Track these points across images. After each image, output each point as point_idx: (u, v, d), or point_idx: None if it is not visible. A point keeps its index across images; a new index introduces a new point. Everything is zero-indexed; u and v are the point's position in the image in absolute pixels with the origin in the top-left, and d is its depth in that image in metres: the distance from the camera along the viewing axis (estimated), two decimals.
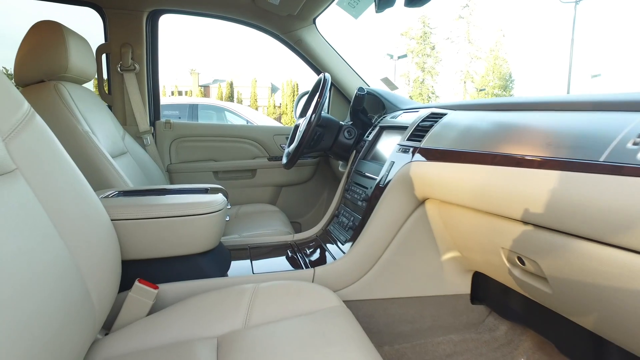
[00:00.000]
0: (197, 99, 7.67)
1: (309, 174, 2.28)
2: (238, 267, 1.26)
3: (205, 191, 1.26)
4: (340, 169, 1.91)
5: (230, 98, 29.12)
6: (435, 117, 1.18)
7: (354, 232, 1.26)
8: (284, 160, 1.78)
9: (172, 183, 2.11)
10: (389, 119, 1.49)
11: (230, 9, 1.95)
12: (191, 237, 1.05)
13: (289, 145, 1.89)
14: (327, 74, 1.62)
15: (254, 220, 1.85)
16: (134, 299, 0.94)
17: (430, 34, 28.99)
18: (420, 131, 1.18)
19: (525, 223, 0.79)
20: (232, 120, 6.46)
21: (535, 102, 0.91)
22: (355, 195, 1.37)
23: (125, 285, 0.93)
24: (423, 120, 1.21)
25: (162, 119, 2.12)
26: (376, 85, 2.08)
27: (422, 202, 1.15)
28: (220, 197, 1.13)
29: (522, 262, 0.86)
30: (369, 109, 1.92)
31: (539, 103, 0.89)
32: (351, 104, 1.93)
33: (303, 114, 1.95)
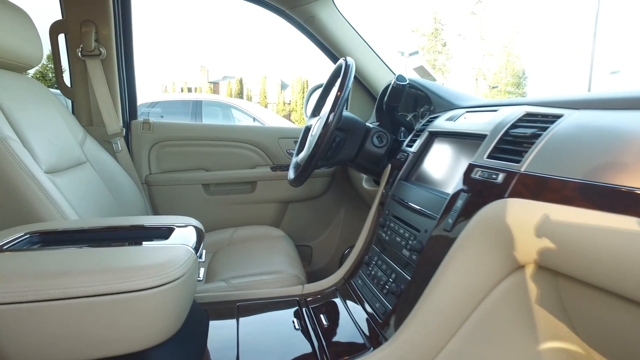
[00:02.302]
0: (201, 95, 7.24)
1: (322, 187, 1.83)
2: (217, 343, 0.82)
3: (168, 234, 0.81)
4: (364, 184, 1.45)
5: (240, 95, 28.89)
6: (540, 121, 0.72)
7: (400, 302, 0.81)
8: (291, 174, 1.33)
9: (151, 199, 1.67)
10: (443, 122, 1.03)
11: None
12: (129, 329, 0.61)
13: (297, 154, 1.43)
14: (349, 59, 1.16)
15: (250, 251, 1.40)
16: None
17: (442, 30, 28.44)
18: (514, 144, 0.72)
19: None
20: (239, 117, 6.03)
21: None
22: (398, 239, 0.91)
23: None
24: (516, 126, 0.75)
25: (140, 118, 1.69)
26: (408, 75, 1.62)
27: (520, 266, 0.69)
28: (183, 251, 0.68)
29: None
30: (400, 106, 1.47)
31: None
32: (383, 99, 1.47)
33: (316, 112, 1.49)
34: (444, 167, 0.93)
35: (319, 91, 2.02)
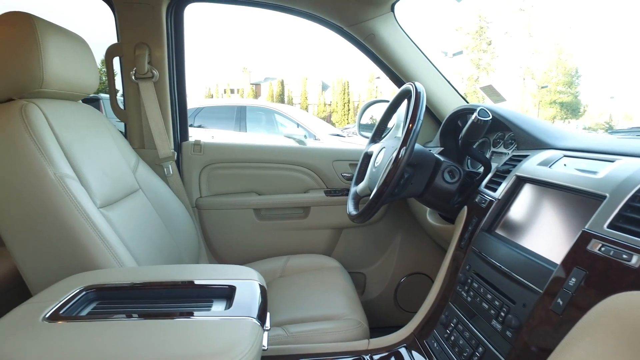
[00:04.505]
0: (245, 100, 7.32)
1: (379, 212, 1.71)
2: None
3: (229, 294, 0.74)
4: (429, 218, 1.32)
5: (281, 96, 29.19)
6: None
7: None
8: (351, 207, 1.23)
9: (201, 223, 1.62)
10: (535, 167, 0.87)
11: None
12: None
13: (356, 183, 1.33)
14: (419, 85, 1.04)
15: (305, 286, 1.32)
16: None
17: (487, 28, 27.47)
18: None
19: None
20: (283, 122, 6.01)
21: None
22: (485, 305, 0.78)
23: None
24: None
25: (191, 140, 1.64)
26: (473, 97, 1.47)
27: None
28: (249, 329, 0.60)
29: None
30: (456, 132, 1.33)
31: None
32: (451, 124, 1.34)
33: (376, 138, 1.38)
34: (540, 224, 0.78)
35: (373, 108, 1.93)
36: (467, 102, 1.50)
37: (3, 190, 0.87)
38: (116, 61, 1.48)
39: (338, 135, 6.08)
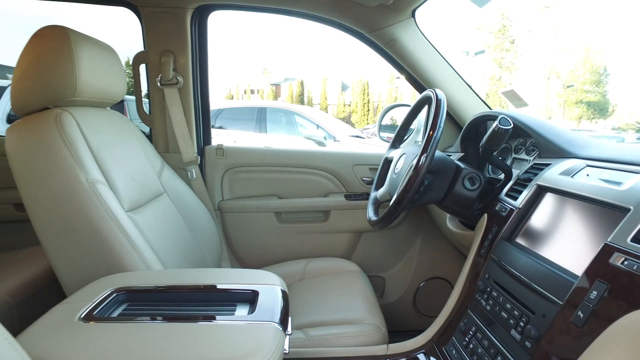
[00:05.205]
0: (265, 101, 7.38)
1: (398, 217, 1.71)
2: None
3: (252, 298, 0.76)
4: (448, 224, 1.32)
5: (301, 97, 29.29)
6: None
7: None
8: (371, 213, 1.24)
9: (223, 225, 1.66)
10: (557, 176, 0.86)
11: (298, 1, 1.44)
12: None
13: (376, 188, 1.34)
14: (439, 92, 1.04)
15: (325, 290, 1.33)
16: None
17: (510, 26, 26.90)
18: None
19: None
20: (303, 123, 6.05)
21: None
22: (504, 314, 0.79)
23: None
24: None
25: (214, 144, 1.68)
26: (494, 107, 1.46)
27: None
28: (271, 334, 0.62)
29: None
30: (477, 138, 1.32)
31: None
32: (471, 130, 1.34)
33: (397, 143, 1.39)
34: (561, 234, 0.78)
35: (393, 112, 1.93)
36: (490, 108, 1.49)
37: (39, 194, 0.92)
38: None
39: (357, 136, 6.09)
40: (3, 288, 1.16)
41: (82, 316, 0.69)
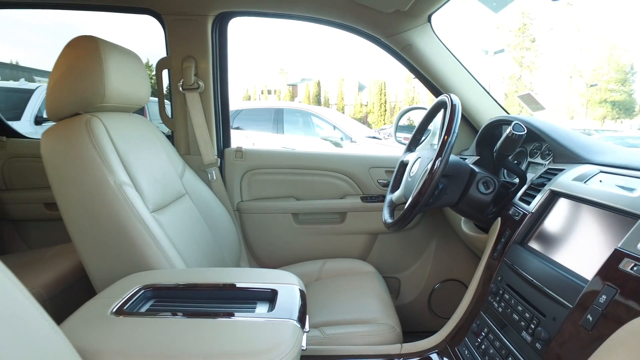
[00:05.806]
0: (282, 102, 7.45)
1: (414, 219, 1.73)
2: None
3: (272, 297, 0.80)
4: (463, 227, 1.34)
5: (318, 97, 29.33)
6: None
7: None
8: (386, 215, 1.27)
9: (242, 225, 1.71)
10: (570, 182, 0.88)
11: (315, 7, 1.48)
12: None
13: (392, 191, 1.36)
14: (454, 97, 1.06)
15: (341, 290, 1.37)
16: None
17: (530, 25, 26.37)
18: None
19: None
20: (319, 124, 6.09)
21: None
22: (515, 316, 0.80)
23: None
24: None
25: (233, 146, 1.73)
26: (513, 107, 1.46)
27: None
28: (290, 331, 0.66)
29: None
30: (492, 141, 1.33)
31: None
32: (486, 135, 1.35)
33: (412, 147, 1.41)
34: (572, 239, 0.79)
35: (410, 115, 1.95)
36: (506, 111, 1.50)
37: (70, 195, 0.98)
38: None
39: (374, 137, 6.09)
40: (38, 282, 1.23)
41: (114, 310, 0.74)
